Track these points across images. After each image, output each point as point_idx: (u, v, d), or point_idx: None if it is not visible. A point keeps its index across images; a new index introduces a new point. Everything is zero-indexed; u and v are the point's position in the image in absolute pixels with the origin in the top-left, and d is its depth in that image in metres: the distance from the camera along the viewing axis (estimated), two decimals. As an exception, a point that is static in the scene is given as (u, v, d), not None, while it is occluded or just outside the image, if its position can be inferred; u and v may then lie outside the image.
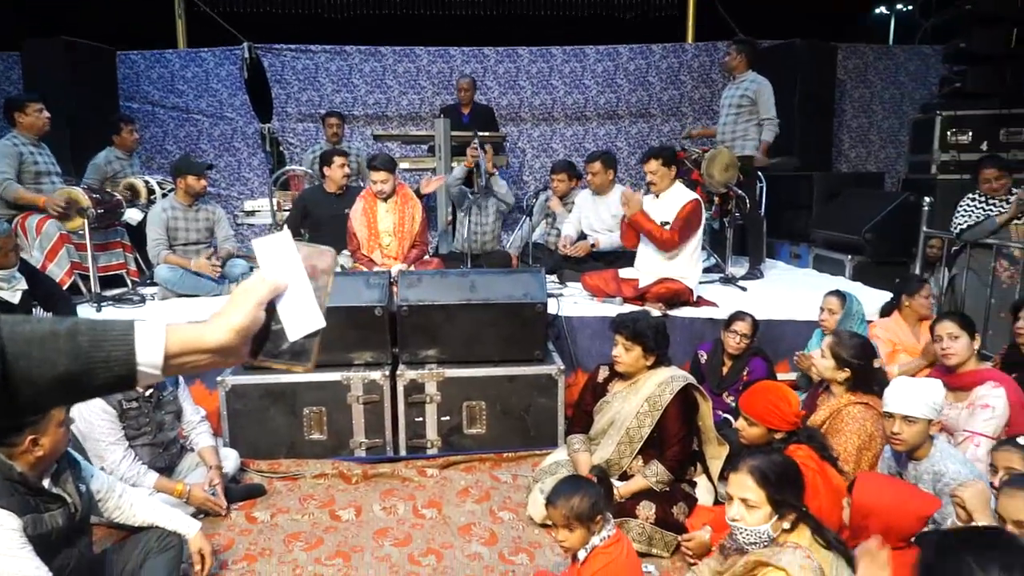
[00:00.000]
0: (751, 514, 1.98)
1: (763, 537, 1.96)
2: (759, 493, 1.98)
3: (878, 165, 8.27)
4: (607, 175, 5.31)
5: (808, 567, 1.86)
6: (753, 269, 5.74)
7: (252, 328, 0.93)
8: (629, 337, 3.06)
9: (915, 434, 2.56)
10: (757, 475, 2.00)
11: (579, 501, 2.17)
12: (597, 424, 3.21)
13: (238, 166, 7.96)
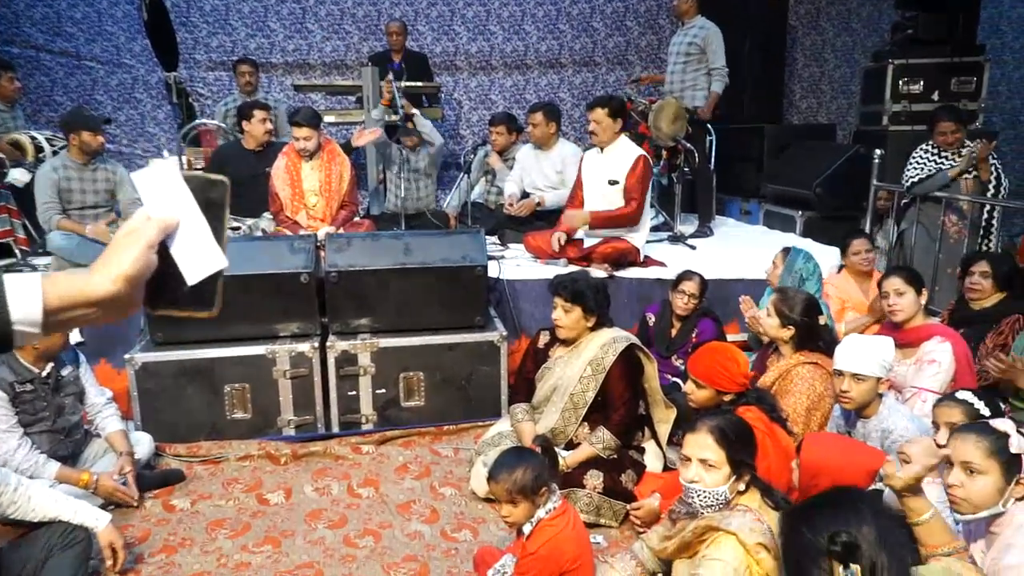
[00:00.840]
0: (710, 475, 2.03)
1: (720, 499, 2.03)
2: (719, 453, 2.03)
3: (829, 116, 8.48)
4: (549, 128, 5.28)
5: (758, 530, 1.94)
6: (702, 227, 5.84)
7: (143, 274, 0.87)
8: (568, 299, 3.09)
9: (864, 392, 2.67)
10: (717, 434, 2.05)
11: (522, 474, 2.20)
12: (540, 392, 3.25)
13: (141, 120, 7.59)
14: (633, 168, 4.42)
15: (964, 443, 1.94)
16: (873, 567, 1.40)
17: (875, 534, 1.44)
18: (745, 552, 1.90)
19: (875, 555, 1.41)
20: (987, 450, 1.89)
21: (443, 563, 2.74)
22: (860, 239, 4.38)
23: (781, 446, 2.51)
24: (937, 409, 2.40)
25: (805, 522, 1.50)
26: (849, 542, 1.41)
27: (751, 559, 1.89)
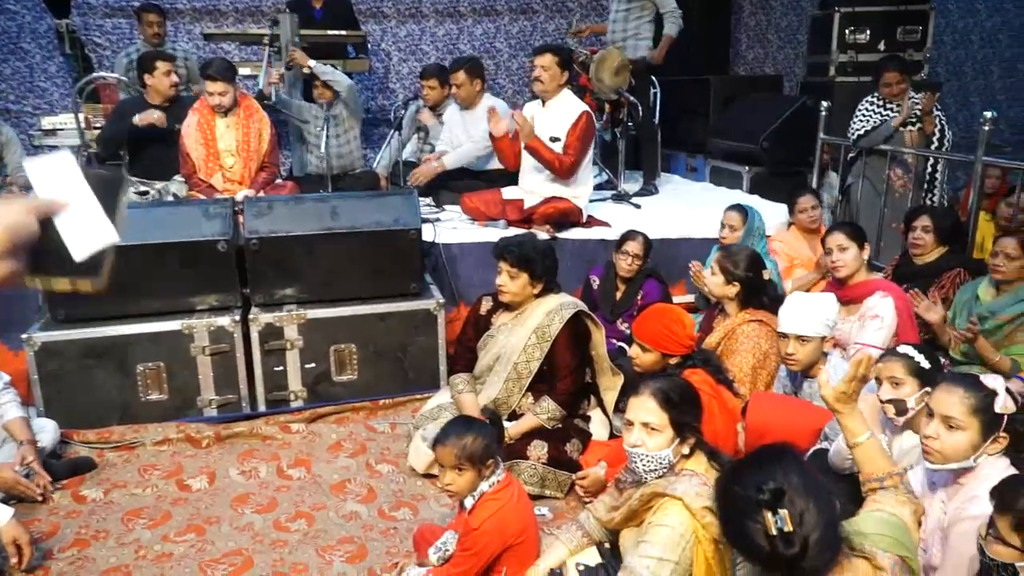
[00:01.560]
0: (652, 439, 2.07)
1: (663, 463, 2.07)
2: (662, 416, 2.07)
3: (776, 67, 8.62)
4: (474, 86, 5.20)
5: (704, 494, 2.00)
6: (647, 184, 5.90)
7: (14, 234, 0.86)
8: (514, 263, 3.09)
9: (809, 352, 2.77)
10: (660, 397, 2.09)
11: (472, 441, 2.22)
12: (482, 361, 3.26)
13: (29, 73, 7.16)
14: (575, 124, 4.42)
15: (949, 396, 2.00)
16: (802, 514, 1.48)
17: (801, 482, 1.52)
18: (691, 517, 1.96)
19: (803, 502, 1.50)
20: (971, 407, 1.96)
21: (381, 543, 2.75)
22: (806, 196, 4.49)
23: (727, 408, 2.59)
24: (879, 364, 2.49)
25: (735, 480, 1.59)
26: (776, 488, 1.49)
27: (697, 523, 1.95)
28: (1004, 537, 1.58)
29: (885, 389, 2.41)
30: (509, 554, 2.27)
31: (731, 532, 1.60)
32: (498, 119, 4.51)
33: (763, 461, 1.61)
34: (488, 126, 4.59)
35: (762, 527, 1.50)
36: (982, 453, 1.96)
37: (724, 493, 1.62)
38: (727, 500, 1.60)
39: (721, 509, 1.64)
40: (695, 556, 1.95)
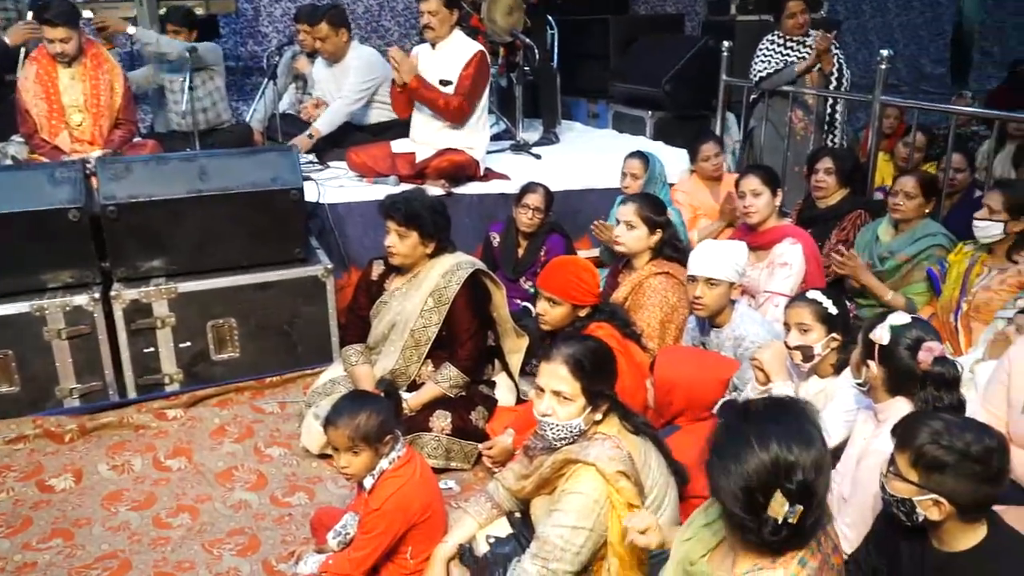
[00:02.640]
0: (564, 407, 2.08)
1: (574, 431, 2.10)
2: (574, 385, 2.08)
3: (677, 6, 8.73)
4: (339, 36, 5.02)
5: (617, 457, 2.04)
6: (547, 133, 5.91)
7: None
8: (401, 222, 3.04)
9: (717, 297, 2.86)
10: (572, 364, 2.09)
11: (366, 419, 2.19)
12: (376, 330, 3.22)
13: None
14: (468, 63, 4.35)
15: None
16: (807, 512, 1.47)
17: (821, 463, 1.50)
18: (605, 482, 2.00)
19: (815, 501, 1.48)
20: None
21: (276, 532, 2.71)
22: (709, 143, 4.60)
23: (635, 363, 2.65)
24: (788, 310, 2.60)
25: (753, 426, 1.51)
26: (806, 483, 1.45)
27: (611, 488, 1.99)
28: (903, 473, 1.68)
29: (793, 335, 2.52)
30: (414, 532, 2.28)
31: (717, 473, 1.53)
32: (410, 63, 4.36)
33: (788, 419, 1.54)
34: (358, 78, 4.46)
35: (761, 502, 1.47)
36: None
37: (732, 433, 1.54)
38: (733, 443, 1.51)
39: (720, 444, 1.56)
40: (610, 522, 1.99)
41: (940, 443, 1.62)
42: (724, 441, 1.55)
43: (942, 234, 3.65)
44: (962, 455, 1.60)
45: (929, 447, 1.63)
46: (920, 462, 1.65)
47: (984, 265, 3.33)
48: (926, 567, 1.74)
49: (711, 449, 1.57)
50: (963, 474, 1.60)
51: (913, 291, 3.62)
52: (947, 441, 1.62)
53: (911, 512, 1.69)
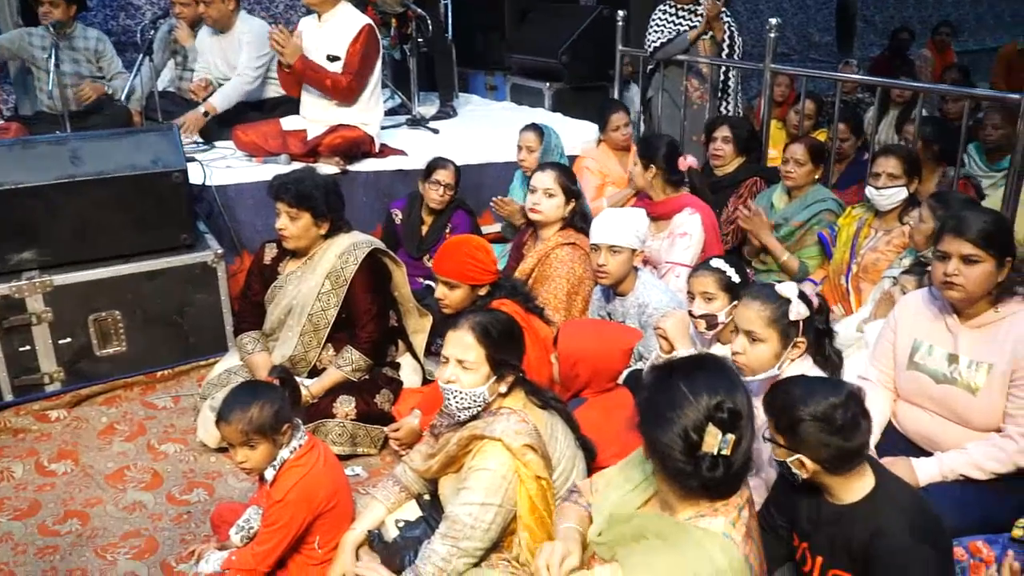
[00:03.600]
0: (467, 375, 2.10)
1: (478, 401, 2.11)
2: (479, 351, 2.10)
3: (572, -27, 8.77)
4: (226, 4, 4.84)
5: (523, 431, 2.07)
6: (444, 107, 5.88)
7: None
8: (292, 202, 2.98)
9: (619, 265, 2.93)
10: (478, 331, 2.11)
11: (259, 411, 2.13)
12: (272, 315, 3.15)
13: None
14: (355, 39, 4.26)
15: (747, 311, 2.20)
16: (742, 438, 1.59)
17: (748, 409, 1.62)
18: (512, 457, 2.02)
19: (746, 427, 1.60)
20: (768, 319, 2.17)
21: (174, 532, 2.65)
22: (619, 113, 4.67)
23: (539, 338, 2.68)
24: (691, 279, 2.69)
25: (683, 377, 1.62)
26: (735, 410, 1.57)
27: (519, 463, 2.02)
28: (774, 438, 1.81)
29: (697, 304, 2.61)
30: (321, 522, 2.25)
31: (653, 426, 1.62)
32: (294, 44, 4.22)
33: (712, 368, 1.67)
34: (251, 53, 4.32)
35: (696, 440, 1.56)
36: (785, 360, 2.19)
37: (664, 387, 1.64)
38: (666, 395, 1.62)
39: (653, 400, 1.65)
40: (518, 496, 2.02)
41: (794, 406, 1.75)
42: (657, 396, 1.65)
43: (832, 199, 3.83)
44: (811, 416, 1.73)
45: (785, 411, 1.76)
46: (780, 426, 1.78)
47: (871, 227, 3.52)
48: (821, 520, 1.84)
49: (644, 408, 1.66)
50: (814, 432, 1.73)
51: (806, 255, 3.79)
52: (799, 404, 1.75)
53: (788, 472, 1.81)
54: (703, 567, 1.55)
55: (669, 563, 1.56)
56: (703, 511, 1.62)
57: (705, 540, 1.58)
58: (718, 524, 1.60)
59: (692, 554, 1.56)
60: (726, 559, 1.56)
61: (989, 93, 5.79)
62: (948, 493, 2.22)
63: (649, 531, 1.63)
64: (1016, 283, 2.27)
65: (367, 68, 4.34)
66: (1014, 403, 2.22)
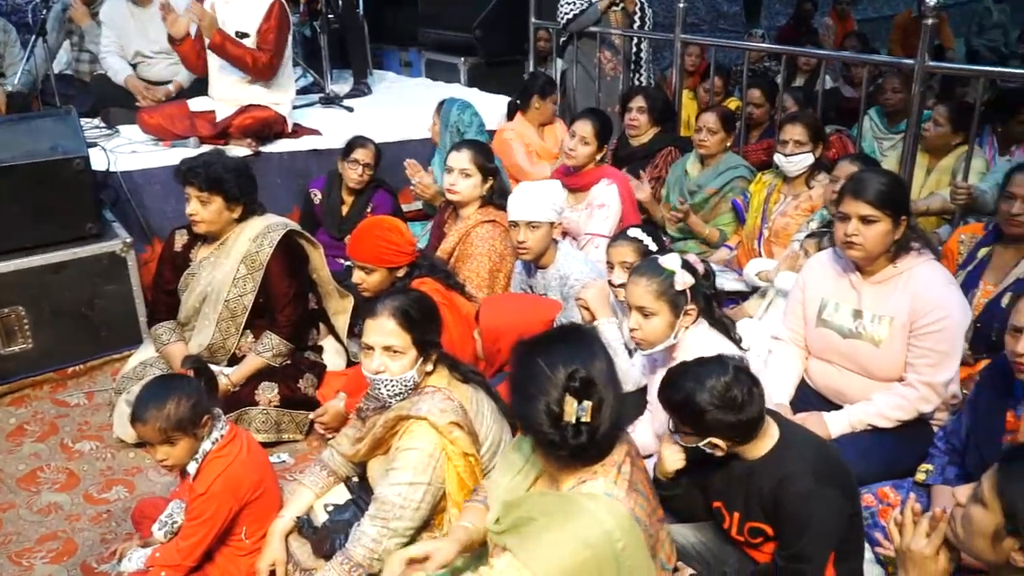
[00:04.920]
0: (396, 361, 2.08)
1: (408, 385, 2.10)
2: (404, 337, 2.07)
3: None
4: None
5: (448, 408, 2.06)
6: (358, 84, 5.77)
7: None
8: (203, 187, 2.89)
9: (539, 239, 2.94)
10: (400, 316, 2.08)
11: (175, 406, 2.07)
12: (186, 304, 3.07)
13: None
14: (267, 15, 4.13)
15: (636, 288, 2.25)
16: (601, 403, 1.61)
17: (606, 371, 1.65)
18: (439, 435, 2.02)
19: (605, 392, 1.63)
20: (656, 292, 2.22)
21: (94, 532, 2.59)
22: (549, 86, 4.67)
23: (461, 315, 2.68)
24: (610, 249, 2.72)
25: (542, 353, 1.65)
26: (587, 378, 1.60)
27: (445, 440, 2.02)
28: (682, 430, 1.88)
29: (617, 273, 2.64)
30: (247, 512, 2.21)
31: (520, 404, 1.67)
32: (175, 17, 4.07)
33: (572, 340, 1.70)
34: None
35: (557, 411, 1.59)
36: (679, 328, 2.25)
37: (525, 364, 1.67)
38: (527, 372, 1.65)
39: (517, 377, 1.69)
40: (447, 473, 2.03)
41: (692, 399, 1.81)
42: (520, 373, 1.68)
43: (743, 166, 3.93)
44: (712, 405, 1.80)
45: (687, 405, 1.82)
46: (686, 419, 1.85)
47: (780, 193, 3.62)
48: (733, 479, 1.92)
49: (511, 387, 1.70)
50: (719, 417, 1.80)
51: (721, 222, 3.88)
52: (696, 395, 1.81)
53: (702, 453, 1.88)
54: (591, 531, 1.58)
55: (558, 538, 1.58)
56: (584, 476, 1.66)
57: (590, 504, 1.61)
58: (599, 486, 1.64)
59: (580, 522, 1.59)
60: (613, 518, 1.60)
61: (886, 59, 6.03)
62: (857, 443, 2.33)
63: (535, 512, 1.64)
64: (912, 239, 2.38)
65: (282, 45, 4.22)
66: (914, 353, 2.34)
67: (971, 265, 2.88)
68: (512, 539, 1.63)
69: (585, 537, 1.57)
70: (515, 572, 1.58)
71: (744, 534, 1.92)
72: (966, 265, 2.89)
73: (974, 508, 1.45)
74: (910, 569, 1.56)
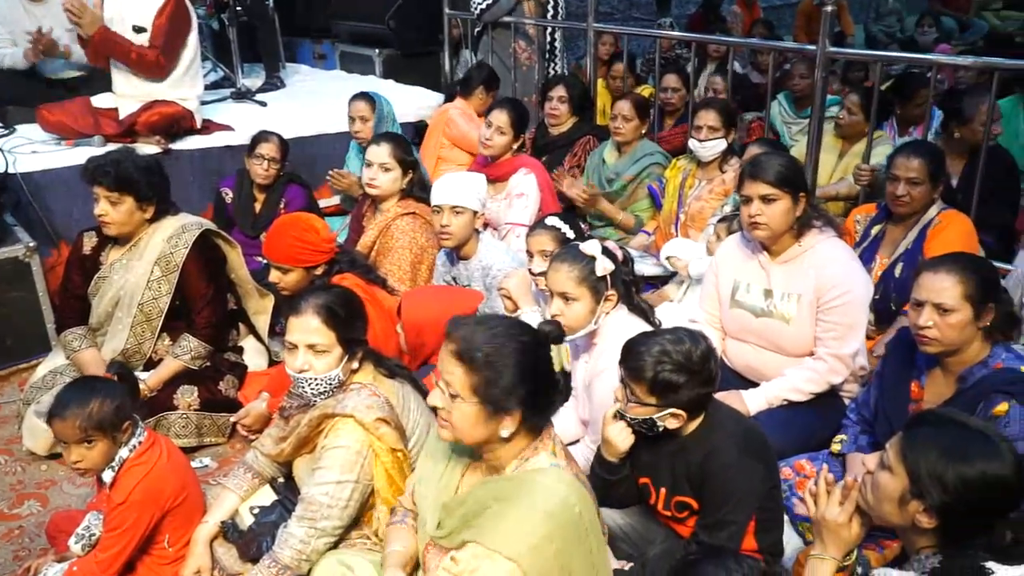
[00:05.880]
0: (320, 360, 2.05)
1: (333, 383, 2.08)
2: (328, 335, 2.05)
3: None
4: None
5: (375, 405, 2.05)
6: (271, 78, 5.66)
7: None
8: (112, 187, 2.78)
9: (462, 226, 2.95)
10: (324, 314, 2.05)
11: (98, 405, 2.02)
12: (98, 309, 2.97)
13: None
14: (160, 10, 3.99)
15: (557, 274, 2.27)
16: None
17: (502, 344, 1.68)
18: (365, 431, 2.01)
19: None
20: (577, 278, 2.24)
21: (6, 549, 2.49)
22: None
23: (384, 309, 2.66)
24: (529, 238, 2.74)
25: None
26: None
27: (372, 437, 2.01)
28: (643, 400, 1.88)
29: (537, 262, 2.66)
30: (170, 519, 2.17)
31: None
32: (92, 14, 3.89)
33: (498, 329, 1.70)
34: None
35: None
36: (600, 314, 2.29)
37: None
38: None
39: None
40: (375, 470, 2.02)
41: (668, 367, 1.82)
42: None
43: (659, 152, 4.00)
44: (689, 372, 1.82)
45: (663, 374, 1.82)
46: (657, 388, 1.84)
47: (695, 177, 3.71)
48: (660, 454, 1.97)
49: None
50: (692, 386, 1.83)
51: (639, 208, 3.95)
52: (673, 362, 1.82)
53: (652, 427, 1.90)
54: (550, 501, 1.61)
55: (520, 516, 1.60)
56: (525, 455, 1.69)
57: (541, 477, 1.64)
58: (543, 459, 1.67)
59: (537, 496, 1.61)
60: (564, 486, 1.63)
61: (790, 46, 6.23)
62: (775, 418, 2.42)
63: (487, 500, 1.66)
64: (813, 217, 2.48)
65: (177, 40, 4.07)
66: (822, 327, 2.44)
67: (866, 242, 3.06)
68: (470, 532, 1.64)
69: (545, 508, 1.60)
70: (484, 560, 1.58)
71: (671, 508, 1.97)
72: (862, 242, 3.07)
73: (881, 475, 1.52)
74: (825, 537, 1.63)
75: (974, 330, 2.00)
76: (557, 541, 1.58)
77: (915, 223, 2.92)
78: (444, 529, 1.70)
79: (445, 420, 1.65)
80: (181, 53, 4.13)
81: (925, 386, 2.16)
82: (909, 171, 2.83)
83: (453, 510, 1.70)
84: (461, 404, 1.62)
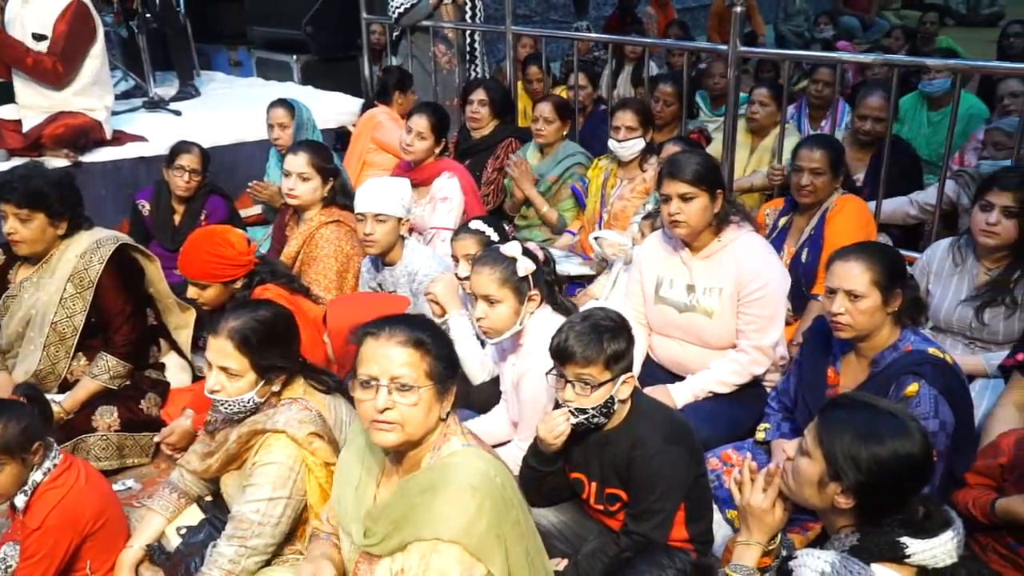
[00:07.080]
0: (233, 383, 2.00)
1: (248, 406, 2.03)
2: (241, 360, 1.99)
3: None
4: None
5: (307, 419, 2.01)
6: (185, 86, 5.53)
7: None
8: (21, 204, 2.66)
9: (386, 233, 2.92)
10: (237, 339, 1.99)
11: (3, 428, 1.95)
12: (7, 329, 2.85)
13: None
14: (61, 16, 3.84)
15: (479, 277, 2.27)
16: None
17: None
18: (298, 447, 1.97)
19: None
20: (500, 280, 2.25)
21: None
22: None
23: (309, 319, 2.62)
24: (454, 242, 2.74)
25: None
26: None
27: (305, 452, 1.97)
28: (599, 379, 1.90)
29: (462, 266, 2.65)
30: (90, 544, 2.10)
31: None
32: None
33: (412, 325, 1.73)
34: None
35: None
36: (524, 314, 2.30)
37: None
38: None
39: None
40: (308, 485, 1.99)
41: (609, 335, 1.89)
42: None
43: (580, 153, 4.05)
44: (623, 330, 1.93)
45: (610, 344, 1.88)
46: (600, 359, 1.88)
47: (617, 177, 3.76)
48: (589, 448, 2.01)
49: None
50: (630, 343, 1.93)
51: (563, 208, 3.99)
52: (610, 331, 1.90)
53: (608, 410, 1.93)
54: (473, 477, 1.62)
55: (448, 497, 1.60)
56: (437, 444, 1.69)
57: (457, 459, 1.66)
58: (455, 443, 1.69)
59: (459, 475, 1.62)
60: (481, 460, 1.66)
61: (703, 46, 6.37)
62: (701, 410, 2.48)
63: (414, 495, 1.65)
64: (731, 213, 2.55)
65: (78, 49, 3.92)
66: (743, 319, 2.51)
67: (775, 233, 3.17)
68: (406, 532, 1.62)
69: (471, 484, 1.61)
70: (431, 556, 1.57)
71: (603, 501, 2.00)
72: (771, 234, 3.18)
73: (800, 460, 1.57)
74: (751, 523, 1.67)
75: (883, 315, 2.08)
76: (488, 512, 1.60)
77: (817, 211, 3.05)
78: (375, 536, 1.68)
79: (392, 423, 1.62)
80: (84, 61, 3.98)
81: (841, 371, 2.24)
82: (812, 162, 2.96)
83: (378, 517, 1.68)
84: (419, 393, 1.62)
